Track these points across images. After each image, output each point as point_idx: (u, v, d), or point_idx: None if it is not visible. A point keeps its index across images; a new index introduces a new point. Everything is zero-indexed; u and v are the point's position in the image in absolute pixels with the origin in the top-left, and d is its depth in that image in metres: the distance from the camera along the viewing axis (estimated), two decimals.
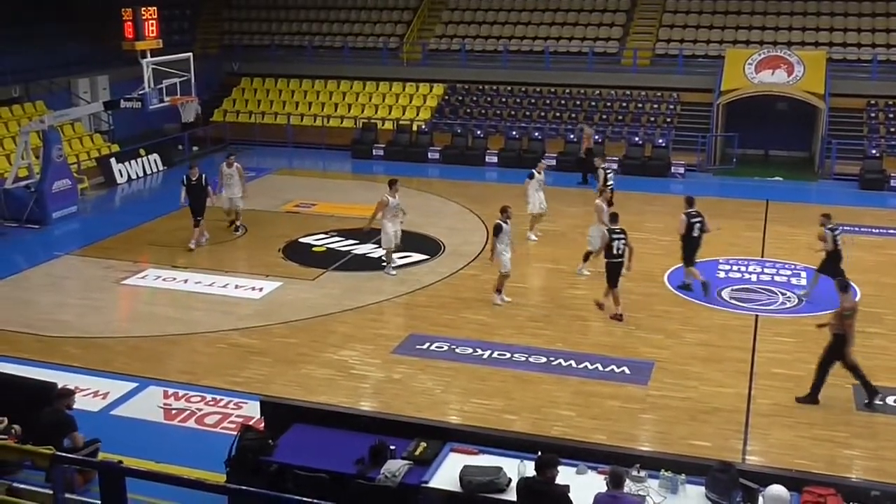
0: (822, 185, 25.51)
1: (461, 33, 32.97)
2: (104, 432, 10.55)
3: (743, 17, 31.03)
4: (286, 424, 10.03)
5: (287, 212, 22.24)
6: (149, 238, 20.02)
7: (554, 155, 26.94)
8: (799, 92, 26.53)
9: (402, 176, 25.60)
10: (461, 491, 8.57)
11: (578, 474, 8.73)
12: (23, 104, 27.13)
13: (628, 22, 32.00)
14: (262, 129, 30.70)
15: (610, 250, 15.10)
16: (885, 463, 10.85)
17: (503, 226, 15.69)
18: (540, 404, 12.28)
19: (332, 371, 13.34)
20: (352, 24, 34.48)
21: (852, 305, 12.26)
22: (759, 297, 16.31)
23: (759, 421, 11.86)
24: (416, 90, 31.56)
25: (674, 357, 13.77)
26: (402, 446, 9.31)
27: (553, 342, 14.32)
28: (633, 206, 22.81)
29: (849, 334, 12.04)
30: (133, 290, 17.08)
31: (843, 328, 12.02)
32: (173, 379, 13.10)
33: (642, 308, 15.65)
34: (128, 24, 21.12)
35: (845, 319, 12.04)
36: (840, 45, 29.18)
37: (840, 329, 12.05)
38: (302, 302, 16.15)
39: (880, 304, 15.92)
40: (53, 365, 13.41)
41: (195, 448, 11.21)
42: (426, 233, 18.33)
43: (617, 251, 15.06)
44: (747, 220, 21.38)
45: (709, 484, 8.40)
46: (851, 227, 20.74)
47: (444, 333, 14.65)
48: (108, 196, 24.62)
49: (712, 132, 27.11)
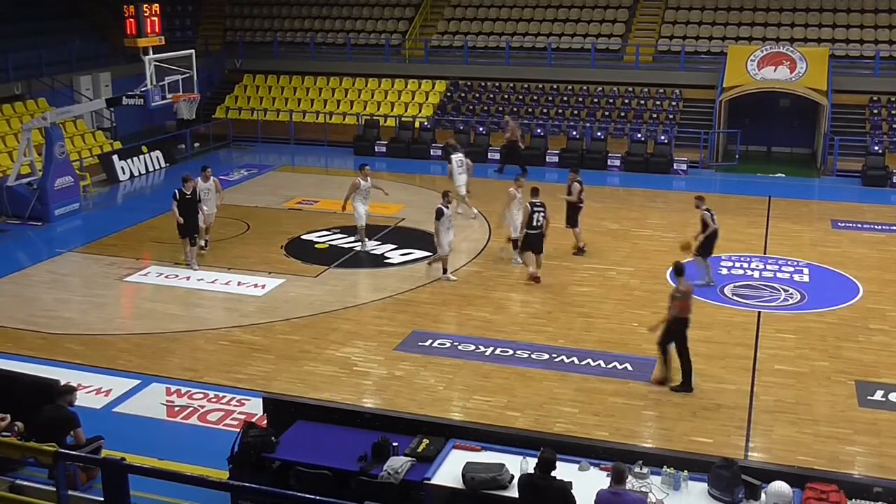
0: (824, 182, 25.48)
1: (463, 30, 32.93)
2: (107, 429, 10.57)
3: (745, 13, 30.98)
4: (289, 421, 10.04)
5: (289, 209, 22.23)
6: (151, 235, 20.03)
7: (556, 151, 26.98)
8: (801, 88, 26.48)
9: (405, 173, 25.83)
10: (464, 488, 8.57)
11: (581, 471, 8.73)
12: (25, 101, 27.14)
13: (631, 18, 31.96)
14: (265, 125, 30.67)
15: (531, 222, 16.32)
16: (888, 459, 10.85)
17: (444, 210, 16.59)
18: (542, 401, 12.28)
19: (334, 368, 13.35)
20: (354, 21, 34.46)
21: (686, 289, 12.46)
22: (762, 293, 16.30)
23: (761, 417, 11.86)
24: (418, 87, 31.55)
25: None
26: (405, 443, 9.32)
27: (555, 339, 14.32)
28: (635, 203, 22.86)
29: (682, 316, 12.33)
30: (135, 286, 17.09)
31: (676, 309, 12.29)
32: (176, 376, 13.11)
33: (645, 305, 15.64)
34: (130, 21, 21.09)
35: (675, 301, 12.32)
36: (843, 41, 29.12)
37: (675, 311, 12.32)
38: (304, 299, 16.15)
39: (883, 300, 15.90)
40: (56, 362, 13.42)
41: (198, 445, 11.23)
42: (428, 230, 18.31)
43: (536, 223, 16.37)
44: (750, 216, 21.35)
45: (711, 480, 8.40)
46: (854, 223, 20.78)
47: (446, 330, 14.65)
48: (111, 193, 24.62)
49: (715, 129, 27.07)
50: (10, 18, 28.84)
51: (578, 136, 27.47)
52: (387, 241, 19.20)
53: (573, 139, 27.43)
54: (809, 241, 19.47)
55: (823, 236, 19.84)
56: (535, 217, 16.35)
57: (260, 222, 20.85)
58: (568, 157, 26.66)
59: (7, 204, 21.14)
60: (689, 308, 12.39)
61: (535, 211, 16.37)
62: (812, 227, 20.66)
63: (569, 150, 26.96)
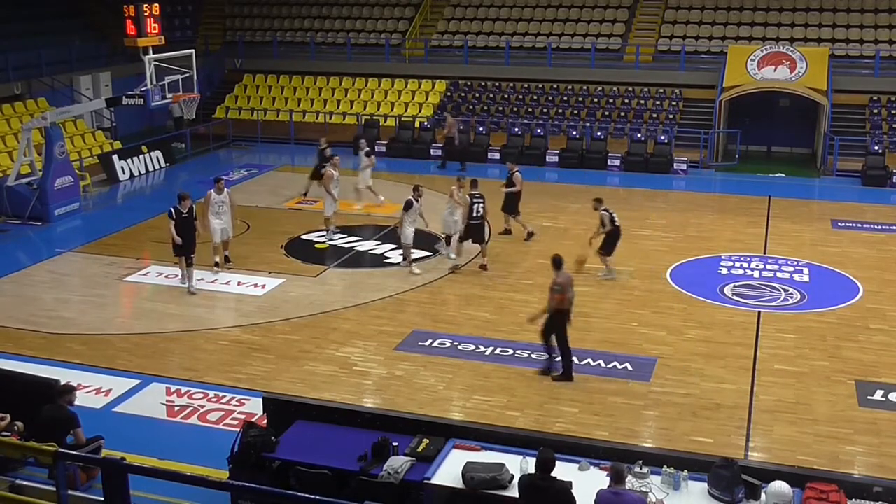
0: (824, 182, 25.48)
1: (463, 30, 32.95)
2: (107, 429, 10.56)
3: (745, 13, 31.00)
4: (289, 421, 10.05)
5: (289, 208, 22.23)
6: (151, 235, 20.00)
7: (556, 151, 26.98)
8: (801, 88, 26.48)
9: (405, 173, 25.81)
10: (464, 487, 8.57)
11: (581, 471, 8.73)
12: (25, 101, 27.16)
13: (631, 18, 31.97)
14: (265, 125, 30.65)
15: (472, 213, 17.13)
16: (888, 459, 10.85)
17: (414, 203, 17.16)
18: (542, 401, 12.28)
19: (334, 368, 13.35)
20: (354, 21, 34.47)
21: (563, 281, 12.67)
22: (762, 293, 16.30)
23: (761, 417, 11.86)
24: (418, 87, 31.56)
25: (676, 353, 13.76)
26: (405, 443, 9.32)
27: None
28: (635, 203, 22.83)
29: (563, 308, 12.59)
30: (135, 286, 17.09)
31: (555, 301, 12.51)
32: (176, 376, 13.11)
33: (645, 304, 15.66)
34: (129, 21, 21.09)
35: (554, 293, 12.55)
36: (843, 41, 29.14)
37: (554, 303, 12.53)
38: (304, 299, 16.15)
39: (883, 300, 15.90)
40: (56, 362, 13.42)
41: (198, 445, 11.24)
42: (429, 230, 18.30)
43: (476, 213, 17.14)
44: (750, 216, 21.35)
45: (711, 480, 8.39)
46: (854, 223, 20.78)
47: (446, 330, 14.64)
48: (111, 193, 24.62)
49: (715, 129, 27.07)
50: (10, 18, 28.85)
51: (578, 136, 27.47)
52: (387, 241, 19.18)
53: (573, 139, 27.43)
54: (809, 240, 19.47)
55: (823, 236, 19.84)
56: (475, 208, 17.14)
57: (260, 222, 20.85)
58: (568, 157, 26.71)
59: (7, 204, 21.14)
60: (567, 300, 12.68)
61: (475, 202, 17.15)
62: (812, 226, 20.65)
63: (569, 150, 26.95)
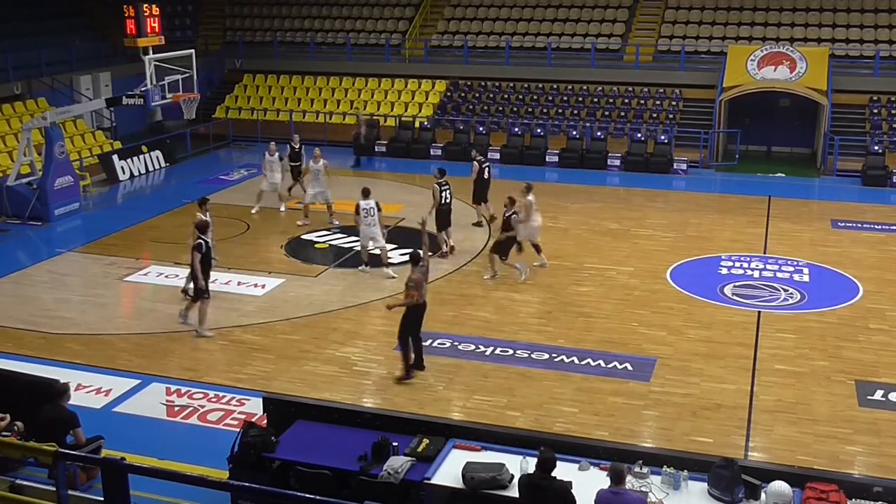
0: (824, 182, 25.48)
1: (463, 30, 32.93)
2: (107, 429, 10.56)
3: (745, 13, 30.98)
4: (289, 421, 10.05)
5: (289, 208, 22.22)
6: (151, 235, 20.03)
7: (556, 151, 26.98)
8: (801, 88, 26.48)
9: (405, 173, 25.83)
10: (464, 487, 8.57)
11: (581, 471, 8.73)
12: (25, 101, 27.14)
13: (630, 18, 31.96)
14: (265, 125, 30.61)
15: (441, 200, 17.88)
16: (888, 459, 10.84)
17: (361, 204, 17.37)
18: (542, 401, 12.28)
19: (334, 368, 13.35)
20: (354, 21, 34.46)
21: (417, 278, 12.70)
22: (762, 293, 16.30)
23: (761, 417, 11.86)
24: (418, 87, 31.54)
25: (676, 353, 13.76)
26: (405, 443, 9.32)
27: (555, 339, 14.31)
28: (635, 203, 22.84)
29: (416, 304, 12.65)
30: (135, 286, 17.09)
31: (410, 298, 12.60)
32: (176, 376, 13.11)
33: (645, 304, 15.66)
34: (130, 21, 21.10)
35: (408, 289, 12.63)
36: (843, 41, 29.12)
37: (409, 300, 12.65)
38: (304, 298, 16.15)
39: (883, 300, 15.90)
40: (56, 362, 13.42)
41: (198, 445, 11.23)
42: (429, 230, 18.29)
43: (444, 200, 17.95)
44: (750, 216, 21.35)
45: (711, 480, 8.39)
46: (854, 223, 20.78)
47: (446, 330, 14.63)
48: (111, 193, 24.62)
49: (715, 129, 27.07)
50: (10, 18, 28.85)
51: (578, 136, 27.47)
52: (387, 240, 19.13)
53: (573, 139, 27.43)
54: (809, 240, 19.47)
55: (823, 236, 19.84)
56: (443, 195, 17.97)
57: (260, 222, 20.85)
58: (568, 157, 26.71)
59: (7, 204, 21.13)
60: (420, 297, 12.73)
61: (443, 189, 18.00)
62: (812, 226, 20.65)
63: (569, 150, 26.96)
